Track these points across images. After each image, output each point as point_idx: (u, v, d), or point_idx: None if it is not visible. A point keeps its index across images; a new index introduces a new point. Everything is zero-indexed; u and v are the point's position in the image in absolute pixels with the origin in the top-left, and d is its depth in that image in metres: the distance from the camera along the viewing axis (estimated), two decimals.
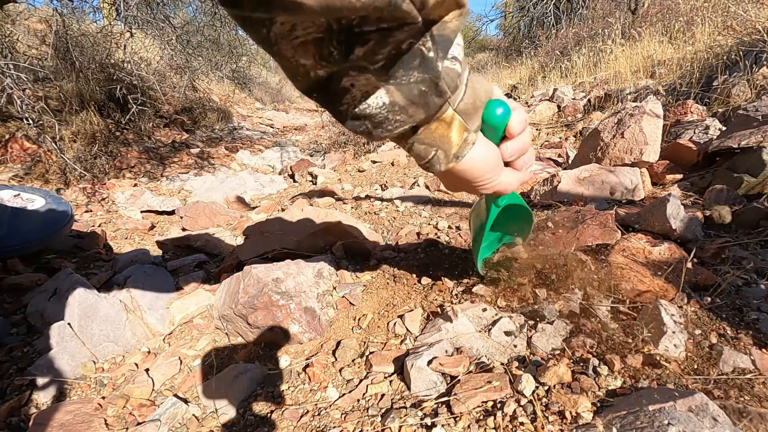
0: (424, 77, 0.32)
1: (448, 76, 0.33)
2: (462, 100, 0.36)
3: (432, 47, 0.31)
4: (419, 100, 0.33)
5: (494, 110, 0.40)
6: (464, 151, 0.39)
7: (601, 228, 0.91)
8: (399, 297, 0.93)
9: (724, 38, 2.73)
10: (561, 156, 2.07)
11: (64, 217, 1.50)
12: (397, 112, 0.33)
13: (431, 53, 0.31)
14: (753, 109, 1.37)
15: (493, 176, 0.44)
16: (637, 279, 0.78)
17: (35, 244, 1.36)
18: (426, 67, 0.31)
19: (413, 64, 0.31)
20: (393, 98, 0.32)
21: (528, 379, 0.60)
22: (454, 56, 0.33)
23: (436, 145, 0.38)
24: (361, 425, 0.61)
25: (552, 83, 4.39)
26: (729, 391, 0.57)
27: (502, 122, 0.41)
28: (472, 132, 0.39)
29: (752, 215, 0.97)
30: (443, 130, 0.37)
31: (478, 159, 0.41)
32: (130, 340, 0.92)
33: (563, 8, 7.94)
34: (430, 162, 0.40)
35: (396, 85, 0.32)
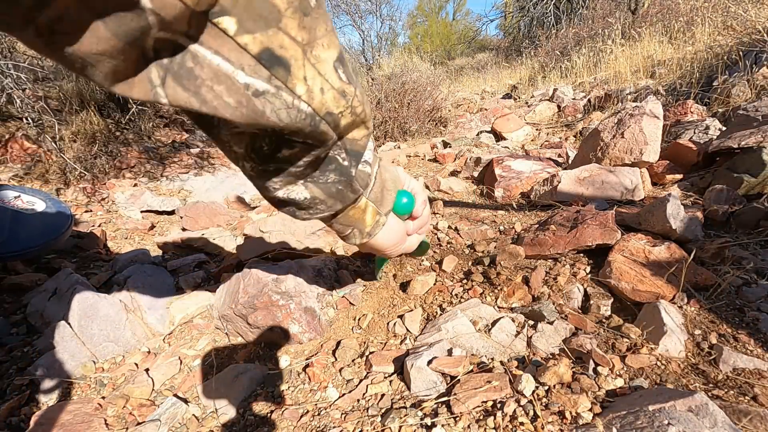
0: (340, 179, 0.39)
1: (360, 177, 0.40)
2: (372, 191, 0.44)
3: (346, 157, 0.38)
4: (337, 195, 0.40)
5: (400, 200, 0.50)
6: (376, 231, 0.48)
7: (601, 228, 0.91)
8: (399, 297, 0.93)
9: (724, 38, 2.73)
10: (561, 156, 2.07)
11: (64, 224, 1.49)
12: (318, 204, 0.40)
13: (345, 162, 0.38)
14: (753, 109, 1.37)
15: (398, 247, 0.55)
16: (637, 279, 0.78)
17: (34, 251, 1.36)
18: (341, 172, 0.38)
19: (330, 167, 0.37)
20: (313, 193, 0.39)
21: (528, 379, 0.60)
22: (366, 160, 0.40)
23: (353, 225, 0.46)
24: (361, 425, 0.61)
25: (552, 83, 4.39)
26: (729, 391, 0.57)
27: (407, 210, 0.52)
28: (383, 216, 0.48)
29: (752, 215, 0.97)
30: (359, 214, 0.45)
31: (387, 236, 0.50)
32: (130, 340, 0.92)
33: (563, 8, 7.94)
34: (347, 237, 0.48)
35: (314, 183, 0.38)
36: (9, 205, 1.41)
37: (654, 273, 0.79)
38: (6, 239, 1.29)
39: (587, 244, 0.90)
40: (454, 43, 13.10)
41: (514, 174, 1.63)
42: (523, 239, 1.01)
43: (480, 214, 1.39)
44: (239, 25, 0.24)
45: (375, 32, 9.32)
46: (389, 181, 0.47)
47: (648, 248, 0.84)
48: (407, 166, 2.46)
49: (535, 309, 0.77)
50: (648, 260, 0.82)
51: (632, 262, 0.82)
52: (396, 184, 0.49)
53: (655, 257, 0.82)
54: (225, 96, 0.26)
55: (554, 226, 0.98)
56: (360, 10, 8.72)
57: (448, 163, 2.31)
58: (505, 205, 1.47)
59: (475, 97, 4.99)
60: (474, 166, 1.99)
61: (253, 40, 0.25)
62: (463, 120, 3.72)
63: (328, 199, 0.40)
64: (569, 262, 0.91)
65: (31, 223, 1.41)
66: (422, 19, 14.78)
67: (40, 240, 1.38)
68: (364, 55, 9.48)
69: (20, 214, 1.41)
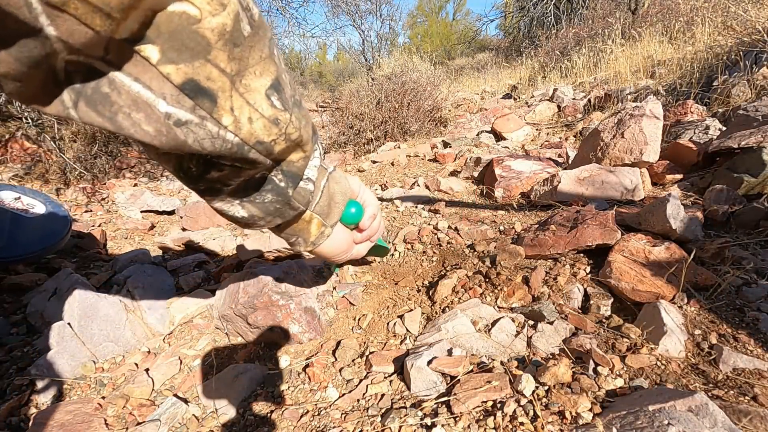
0: (277, 198, 0.38)
1: (300, 195, 0.40)
2: (318, 204, 0.44)
3: (283, 179, 0.37)
4: (275, 212, 0.40)
5: (348, 211, 0.51)
6: (320, 241, 0.49)
7: (601, 228, 0.91)
8: (399, 297, 0.93)
9: (724, 38, 2.73)
10: (561, 156, 2.07)
11: (63, 229, 1.49)
12: (258, 220, 0.40)
13: (282, 183, 0.38)
14: (753, 109, 1.37)
15: (344, 255, 0.56)
16: (637, 279, 0.78)
17: (32, 256, 1.35)
18: (278, 192, 0.38)
19: (267, 188, 0.37)
20: (250, 212, 0.39)
21: (528, 379, 0.60)
22: (308, 178, 0.40)
23: (297, 235, 0.47)
24: (361, 425, 0.61)
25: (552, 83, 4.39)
26: (729, 391, 0.57)
27: (354, 220, 0.53)
28: (328, 227, 0.48)
29: (752, 215, 0.97)
30: (303, 225, 0.45)
31: (331, 246, 0.51)
32: (130, 340, 0.92)
33: (563, 8, 7.94)
34: (292, 244, 0.49)
35: (251, 203, 0.38)
36: (9, 207, 1.41)
37: (654, 273, 0.79)
38: (5, 244, 1.29)
39: (587, 244, 0.90)
40: (454, 43, 13.10)
41: (514, 174, 1.63)
42: (523, 239, 1.01)
43: (480, 214, 1.39)
44: (162, 54, 0.24)
45: (375, 32, 9.31)
46: (338, 194, 0.47)
47: (648, 248, 0.84)
48: (407, 166, 2.46)
49: (535, 309, 0.77)
50: (648, 260, 0.82)
51: (632, 262, 0.82)
52: (345, 196, 0.49)
53: (655, 257, 0.82)
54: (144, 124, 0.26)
55: (554, 226, 0.98)
56: (360, 10, 8.72)
57: (448, 163, 2.31)
58: (505, 205, 1.47)
59: (475, 97, 4.99)
60: (474, 166, 1.99)
61: (176, 70, 0.25)
62: (463, 120, 3.72)
63: (266, 216, 0.40)
64: (569, 262, 0.91)
65: (30, 227, 1.41)
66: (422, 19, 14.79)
67: (39, 245, 1.37)
68: (364, 55, 9.47)
69: (20, 217, 1.41)
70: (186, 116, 0.27)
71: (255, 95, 0.30)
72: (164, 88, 0.25)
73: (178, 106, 0.26)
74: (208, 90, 0.27)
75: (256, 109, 0.30)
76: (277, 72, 0.31)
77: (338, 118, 3.56)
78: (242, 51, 0.27)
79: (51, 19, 0.19)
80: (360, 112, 3.51)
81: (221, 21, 0.25)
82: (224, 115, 0.28)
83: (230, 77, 0.27)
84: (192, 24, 0.24)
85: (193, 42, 0.24)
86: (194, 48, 0.25)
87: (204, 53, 0.25)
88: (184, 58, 0.25)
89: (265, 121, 0.31)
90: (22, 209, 1.44)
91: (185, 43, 0.24)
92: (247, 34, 0.27)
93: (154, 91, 0.25)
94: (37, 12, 0.19)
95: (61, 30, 0.20)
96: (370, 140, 3.38)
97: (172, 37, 0.24)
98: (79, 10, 0.20)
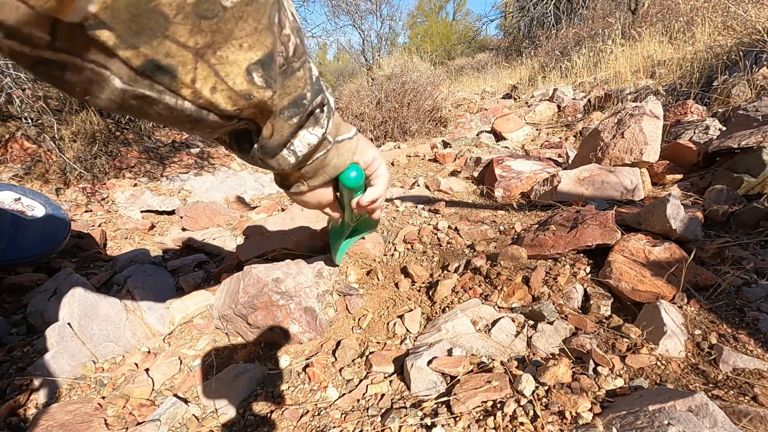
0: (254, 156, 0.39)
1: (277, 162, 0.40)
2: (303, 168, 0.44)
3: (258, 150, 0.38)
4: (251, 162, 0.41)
5: (348, 173, 0.48)
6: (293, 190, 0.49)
7: (601, 228, 0.91)
8: (399, 297, 0.93)
9: (724, 38, 2.73)
10: (561, 156, 2.07)
11: (62, 232, 1.49)
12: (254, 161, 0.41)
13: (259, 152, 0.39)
14: (753, 109, 1.37)
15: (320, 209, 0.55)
16: (637, 279, 0.78)
17: (31, 259, 1.36)
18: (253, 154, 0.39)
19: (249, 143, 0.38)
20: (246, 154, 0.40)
21: (528, 379, 0.60)
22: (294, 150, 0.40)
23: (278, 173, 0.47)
24: (361, 425, 0.61)
25: (552, 83, 4.39)
26: (729, 391, 0.57)
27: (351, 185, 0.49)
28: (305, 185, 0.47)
29: (752, 215, 0.97)
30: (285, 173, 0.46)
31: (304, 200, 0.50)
32: (130, 340, 0.92)
33: (563, 8, 7.94)
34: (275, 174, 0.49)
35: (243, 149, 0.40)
36: (9, 209, 1.41)
37: (654, 273, 0.79)
38: (5, 246, 1.29)
39: (587, 244, 0.90)
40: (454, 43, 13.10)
41: (514, 174, 1.63)
42: (523, 239, 1.01)
43: (480, 214, 1.39)
44: (120, 40, 0.23)
45: (375, 32, 9.31)
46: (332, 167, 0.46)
47: (648, 248, 0.83)
48: (407, 166, 2.46)
49: (535, 309, 0.77)
50: (648, 260, 0.82)
51: (632, 262, 0.82)
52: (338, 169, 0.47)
53: (655, 257, 0.82)
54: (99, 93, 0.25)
55: (554, 226, 0.98)
56: (360, 10, 8.72)
57: (448, 163, 2.31)
58: (505, 205, 1.47)
59: (475, 97, 4.99)
60: (474, 166, 1.99)
61: (135, 54, 0.24)
62: (463, 120, 3.72)
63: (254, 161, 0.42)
64: (569, 262, 0.91)
65: (30, 229, 1.41)
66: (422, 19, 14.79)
67: (38, 249, 1.37)
68: (364, 55, 9.48)
69: (20, 219, 1.41)
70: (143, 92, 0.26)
71: (230, 68, 0.28)
72: (122, 70, 0.24)
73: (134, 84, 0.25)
74: (167, 66, 0.25)
75: (224, 81, 0.28)
76: (273, 45, 0.29)
77: None
78: (218, 23, 0.26)
79: None
80: (360, 112, 3.51)
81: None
82: (182, 88, 0.27)
83: (194, 50, 0.26)
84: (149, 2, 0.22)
85: (152, 21, 0.23)
86: (153, 27, 0.23)
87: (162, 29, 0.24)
88: (143, 40, 0.23)
89: (232, 93, 0.29)
90: (22, 211, 1.45)
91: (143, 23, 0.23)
92: (231, 4, 0.25)
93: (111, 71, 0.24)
94: None
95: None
96: (370, 140, 3.38)
97: (132, 20, 0.22)
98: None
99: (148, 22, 0.23)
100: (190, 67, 0.26)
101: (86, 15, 0.20)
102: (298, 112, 0.37)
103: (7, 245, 1.30)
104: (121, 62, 0.24)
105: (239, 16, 0.26)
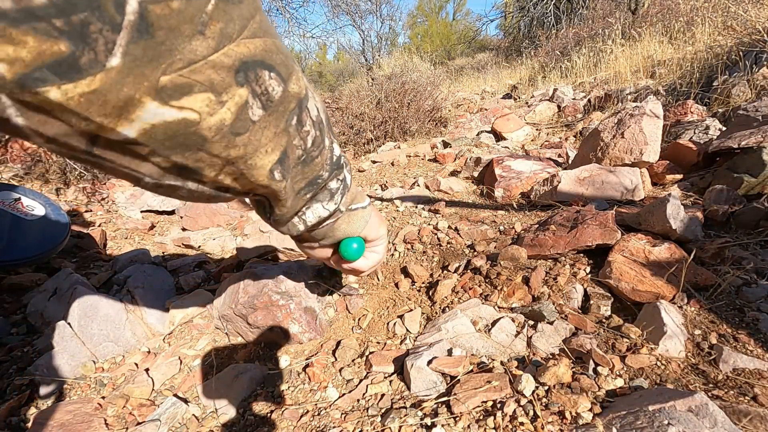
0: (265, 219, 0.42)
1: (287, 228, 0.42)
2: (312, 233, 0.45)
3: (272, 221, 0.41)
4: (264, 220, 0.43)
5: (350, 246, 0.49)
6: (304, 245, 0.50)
7: (601, 228, 0.91)
8: (399, 297, 0.93)
9: (724, 38, 2.73)
10: (561, 156, 2.07)
11: (62, 233, 1.48)
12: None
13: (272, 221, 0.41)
14: (753, 109, 1.37)
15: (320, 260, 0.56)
16: (637, 279, 0.78)
17: (31, 260, 1.35)
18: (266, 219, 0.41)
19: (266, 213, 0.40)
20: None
21: (528, 379, 0.60)
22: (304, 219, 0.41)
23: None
24: (361, 425, 0.61)
25: (552, 83, 4.39)
26: (729, 391, 0.57)
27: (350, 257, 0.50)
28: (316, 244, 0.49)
29: (752, 215, 0.97)
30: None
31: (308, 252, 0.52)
32: (130, 340, 0.92)
33: (563, 8, 7.94)
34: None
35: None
36: (9, 209, 1.41)
37: (654, 273, 0.79)
38: (5, 247, 1.29)
39: (587, 244, 0.90)
40: (454, 43, 13.10)
41: (514, 174, 1.63)
42: (523, 239, 1.01)
43: (480, 214, 1.39)
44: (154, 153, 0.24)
45: (375, 32, 9.30)
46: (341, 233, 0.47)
47: (648, 248, 0.83)
48: (407, 166, 2.46)
49: (535, 309, 0.77)
50: (648, 260, 0.82)
51: (632, 262, 0.82)
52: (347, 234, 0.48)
53: (655, 257, 0.82)
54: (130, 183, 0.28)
55: (554, 226, 0.98)
56: (360, 10, 8.71)
57: (448, 163, 2.31)
58: (505, 205, 1.47)
59: (475, 97, 4.99)
60: (474, 166, 1.99)
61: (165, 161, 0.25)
62: (463, 120, 3.72)
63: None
64: (569, 262, 0.91)
65: (29, 230, 1.41)
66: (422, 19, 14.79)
67: (38, 250, 1.37)
68: (364, 55, 9.47)
69: (20, 220, 1.41)
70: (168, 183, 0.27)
71: (257, 171, 0.30)
72: (152, 171, 0.25)
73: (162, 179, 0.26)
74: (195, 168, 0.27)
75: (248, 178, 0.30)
76: (287, 142, 0.31)
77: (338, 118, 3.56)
78: (249, 136, 0.27)
79: (21, 113, 0.19)
80: (360, 112, 3.51)
81: (219, 118, 0.24)
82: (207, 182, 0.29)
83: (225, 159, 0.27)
84: (190, 128, 0.23)
85: (189, 141, 0.24)
86: (189, 145, 0.24)
87: (197, 147, 0.25)
88: (177, 152, 0.24)
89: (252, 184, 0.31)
90: (22, 211, 1.44)
91: (180, 142, 0.24)
92: (258, 117, 0.27)
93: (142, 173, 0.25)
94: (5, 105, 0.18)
95: (32, 122, 0.19)
96: (370, 140, 3.38)
97: (168, 140, 0.23)
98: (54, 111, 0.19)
99: (185, 141, 0.24)
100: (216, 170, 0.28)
101: (124, 138, 0.21)
102: (313, 189, 0.38)
103: (7, 245, 1.30)
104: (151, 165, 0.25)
105: (264, 126, 0.28)
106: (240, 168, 0.29)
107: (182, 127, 0.23)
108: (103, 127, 0.20)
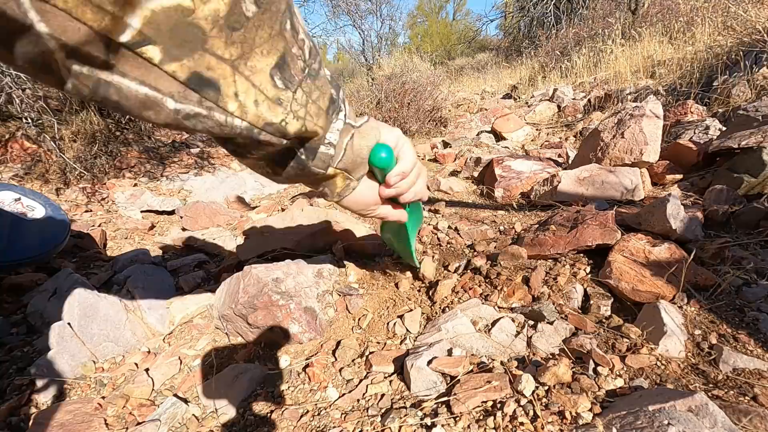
0: (297, 166, 0.41)
1: (320, 161, 0.42)
2: (342, 161, 0.44)
3: (303, 152, 0.40)
4: (296, 177, 0.44)
5: (378, 154, 0.48)
6: (346, 192, 0.50)
7: (601, 228, 0.91)
8: (399, 297, 0.93)
9: (724, 38, 2.73)
10: (561, 156, 2.07)
11: (61, 234, 1.48)
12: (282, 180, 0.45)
13: (303, 156, 0.40)
14: (753, 109, 1.37)
15: (371, 211, 0.56)
16: (637, 279, 0.78)
17: (31, 260, 1.36)
18: (299, 163, 0.41)
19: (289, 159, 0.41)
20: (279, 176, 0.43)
21: (528, 379, 0.60)
22: (329, 142, 0.41)
23: (325, 185, 0.48)
24: (361, 425, 0.61)
25: (552, 83, 4.39)
26: (729, 391, 0.57)
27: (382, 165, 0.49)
28: (354, 180, 0.49)
29: (752, 215, 0.97)
30: (329, 179, 0.47)
31: (356, 199, 0.52)
32: (130, 340, 0.92)
33: (563, 8, 7.94)
34: (321, 194, 0.50)
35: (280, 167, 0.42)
36: (9, 210, 1.41)
37: (654, 273, 0.79)
38: (5, 247, 1.29)
39: (587, 244, 0.90)
40: (454, 43, 13.10)
41: (514, 174, 1.63)
42: (523, 239, 1.01)
43: (480, 214, 1.39)
44: (165, 54, 0.24)
45: (375, 32, 9.30)
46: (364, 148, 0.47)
47: (648, 248, 0.83)
48: None
49: (535, 309, 0.77)
50: (648, 260, 0.82)
51: (632, 262, 0.82)
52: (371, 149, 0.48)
53: (655, 257, 0.82)
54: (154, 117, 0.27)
55: (554, 226, 0.98)
56: (360, 10, 8.71)
57: (448, 163, 2.31)
58: (505, 205, 1.47)
59: (475, 97, 4.99)
60: (474, 166, 1.99)
61: (180, 67, 0.25)
62: (463, 120, 3.72)
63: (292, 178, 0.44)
64: (569, 262, 0.91)
65: (29, 231, 1.40)
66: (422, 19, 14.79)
67: (38, 249, 1.37)
68: (364, 55, 9.47)
69: (20, 220, 1.41)
70: (194, 110, 0.28)
71: (260, 76, 0.30)
72: (171, 86, 0.26)
73: (185, 101, 0.27)
74: (211, 80, 0.27)
75: (261, 91, 0.30)
76: (285, 48, 0.31)
77: None
78: (245, 33, 0.27)
79: (41, 15, 0.19)
80: (360, 113, 3.51)
81: (213, 7, 0.25)
82: (229, 102, 0.29)
83: (231, 63, 0.28)
84: (187, 16, 0.24)
85: (190, 34, 0.25)
86: (192, 40, 0.25)
87: (201, 43, 0.25)
88: (185, 53, 0.25)
89: (269, 102, 0.31)
90: (22, 212, 1.44)
91: (184, 37, 0.24)
92: (252, 14, 0.27)
93: (161, 91, 0.26)
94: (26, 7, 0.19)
95: (53, 26, 0.20)
96: None
97: (173, 33, 0.24)
98: (68, 3, 0.20)
99: (187, 35, 0.24)
100: (230, 80, 0.28)
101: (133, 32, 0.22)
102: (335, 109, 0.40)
103: (7, 246, 1.30)
104: (168, 77, 0.25)
105: (258, 24, 0.28)
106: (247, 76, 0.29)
107: (179, 14, 0.23)
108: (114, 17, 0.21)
